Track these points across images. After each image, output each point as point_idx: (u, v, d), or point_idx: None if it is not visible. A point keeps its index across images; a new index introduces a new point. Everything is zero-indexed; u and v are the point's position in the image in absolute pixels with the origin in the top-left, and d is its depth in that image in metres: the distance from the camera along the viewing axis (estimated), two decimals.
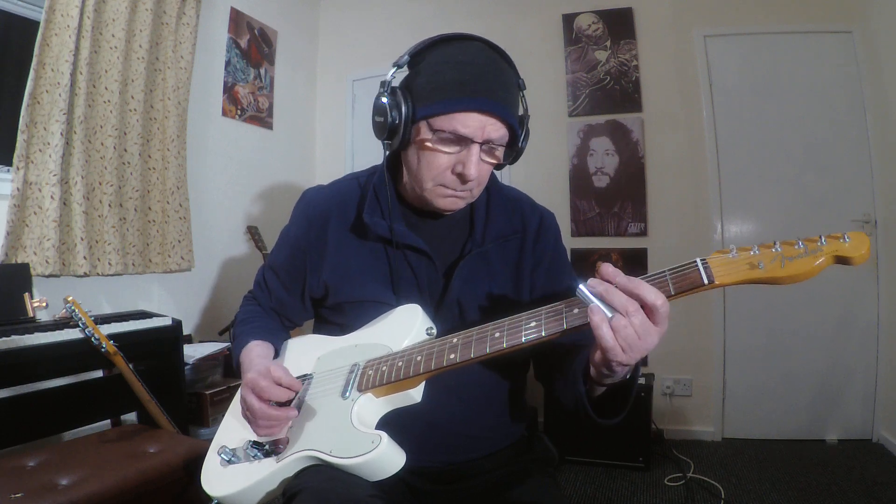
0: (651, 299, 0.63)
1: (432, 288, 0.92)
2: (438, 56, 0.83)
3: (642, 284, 0.64)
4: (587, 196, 2.91)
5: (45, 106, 1.83)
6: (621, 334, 0.63)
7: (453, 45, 0.84)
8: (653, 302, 0.63)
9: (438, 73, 0.82)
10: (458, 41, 0.84)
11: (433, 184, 0.86)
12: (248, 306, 1.07)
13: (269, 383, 0.82)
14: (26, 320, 1.62)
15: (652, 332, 0.64)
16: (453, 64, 0.81)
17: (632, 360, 0.65)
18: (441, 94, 0.81)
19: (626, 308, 0.63)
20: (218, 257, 2.66)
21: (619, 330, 0.63)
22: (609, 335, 0.63)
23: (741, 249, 0.64)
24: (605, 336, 0.63)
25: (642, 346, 0.64)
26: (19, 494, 1.13)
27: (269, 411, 0.81)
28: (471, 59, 0.82)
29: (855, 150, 2.61)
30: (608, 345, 0.63)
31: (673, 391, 2.76)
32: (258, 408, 0.81)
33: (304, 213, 0.98)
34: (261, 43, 2.95)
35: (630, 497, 2.13)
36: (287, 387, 0.82)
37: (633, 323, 0.63)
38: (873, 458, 2.40)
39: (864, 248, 0.60)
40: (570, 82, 2.94)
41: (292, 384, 0.83)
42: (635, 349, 0.64)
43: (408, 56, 0.86)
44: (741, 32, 2.73)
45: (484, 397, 0.91)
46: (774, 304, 2.67)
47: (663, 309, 0.63)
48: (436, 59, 0.83)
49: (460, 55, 0.82)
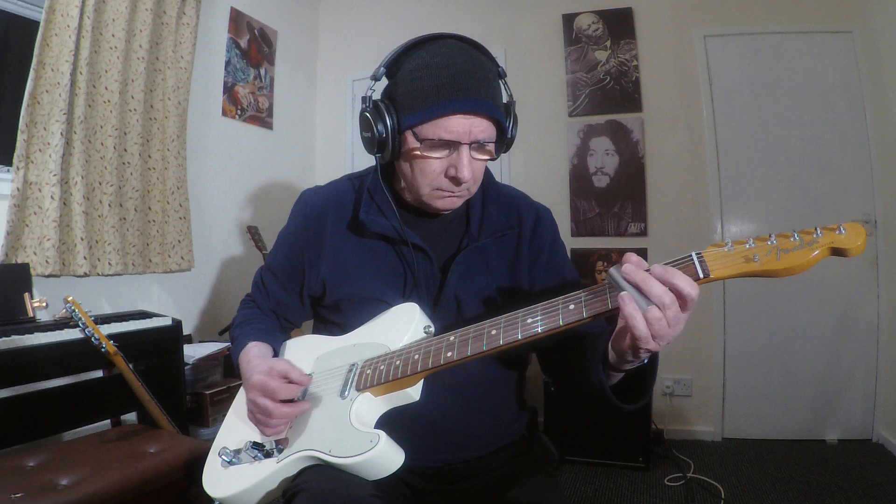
0: (687, 290, 0.62)
1: (430, 284, 0.92)
2: (414, 62, 0.82)
3: (677, 273, 0.63)
4: (587, 196, 2.91)
5: (45, 106, 1.83)
6: (655, 326, 0.63)
7: (426, 49, 0.83)
8: (689, 293, 0.62)
9: (416, 79, 0.81)
10: (431, 43, 0.84)
11: (429, 189, 0.86)
12: (246, 309, 1.07)
13: (280, 383, 0.81)
14: (26, 320, 1.62)
15: (682, 319, 0.64)
16: (429, 69, 0.81)
17: (660, 347, 0.65)
18: (421, 101, 0.80)
19: (662, 300, 0.62)
20: (218, 257, 2.66)
21: (653, 322, 0.62)
22: (643, 325, 0.63)
23: (736, 242, 0.64)
24: (639, 326, 0.63)
25: (672, 333, 0.64)
26: (19, 494, 1.13)
27: (283, 410, 0.81)
28: (446, 60, 0.81)
29: (855, 150, 2.60)
30: (641, 334, 0.63)
31: (673, 391, 2.76)
32: (273, 408, 0.81)
33: (302, 213, 0.98)
34: (261, 43, 2.95)
35: (630, 497, 2.13)
36: (297, 382, 0.82)
37: (667, 315, 0.63)
38: (873, 458, 2.40)
39: (860, 239, 0.59)
40: (570, 82, 2.94)
41: (301, 379, 0.82)
42: (665, 338, 0.64)
43: (383, 67, 0.85)
44: (741, 32, 2.73)
45: (483, 396, 0.91)
46: (774, 304, 2.67)
47: (695, 297, 0.63)
48: (411, 65, 0.82)
49: (435, 58, 0.81)
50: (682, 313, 0.64)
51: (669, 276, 0.63)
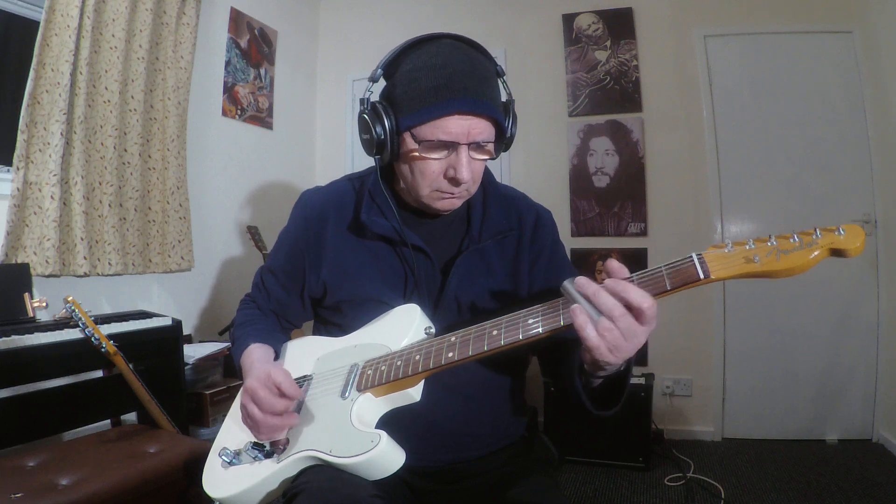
0: (637, 302, 0.63)
1: (430, 285, 0.92)
2: (411, 63, 0.82)
3: (629, 287, 0.64)
4: (587, 196, 2.91)
5: (45, 106, 1.83)
6: (607, 337, 0.64)
7: (424, 49, 0.82)
8: (639, 304, 0.63)
9: (413, 80, 0.81)
10: (428, 43, 0.83)
11: (429, 190, 0.86)
12: (246, 309, 1.07)
13: (267, 393, 0.79)
14: (26, 320, 1.62)
15: (639, 332, 0.65)
16: (426, 69, 0.80)
17: (619, 359, 0.66)
18: (419, 102, 0.80)
19: (611, 312, 0.64)
20: (218, 257, 2.66)
21: (604, 332, 0.64)
22: (593, 335, 0.65)
23: (737, 244, 0.64)
24: (590, 336, 0.65)
25: (629, 346, 0.65)
26: (19, 494, 1.13)
27: (270, 421, 0.80)
28: (443, 60, 0.80)
29: (855, 150, 2.60)
30: (593, 344, 0.65)
31: (673, 391, 2.76)
32: (260, 418, 0.80)
33: (302, 213, 0.98)
34: (261, 43, 2.95)
35: (630, 497, 2.13)
36: (288, 395, 0.79)
37: (618, 326, 0.64)
38: (873, 458, 2.40)
39: (859, 241, 0.60)
40: (570, 82, 2.94)
41: (292, 393, 0.80)
42: (622, 350, 0.65)
43: (380, 69, 0.85)
44: (741, 32, 2.73)
45: (483, 396, 0.91)
46: (774, 304, 2.67)
47: (650, 311, 0.64)
48: (408, 66, 0.82)
49: (432, 58, 0.81)
50: (638, 326, 0.64)
51: (620, 290, 0.64)
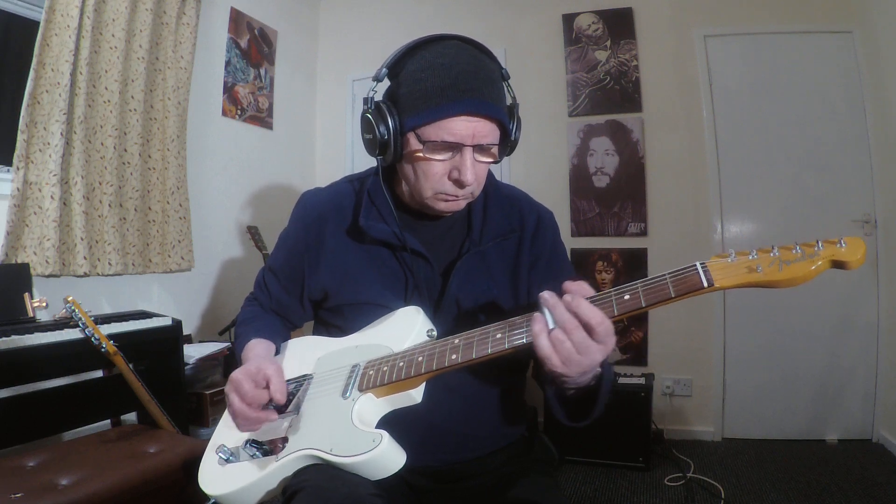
0: (587, 318, 0.65)
1: (431, 288, 0.91)
2: (417, 63, 0.82)
3: (583, 304, 0.65)
4: (587, 196, 2.91)
5: (45, 106, 1.83)
6: (558, 348, 0.65)
7: (430, 49, 0.82)
8: (588, 321, 0.64)
9: (419, 80, 0.80)
10: (434, 44, 0.83)
11: (432, 192, 0.85)
12: (250, 307, 1.07)
13: (252, 387, 0.81)
14: (26, 320, 1.62)
15: (593, 349, 0.66)
16: (432, 69, 0.80)
17: (572, 372, 0.67)
18: (424, 102, 0.79)
19: (564, 324, 0.65)
20: (218, 257, 2.66)
21: (556, 343, 0.66)
22: (546, 345, 0.66)
23: (740, 254, 0.65)
24: (542, 345, 0.66)
25: (584, 361, 0.66)
26: (19, 494, 1.13)
27: (248, 413, 0.81)
28: (449, 61, 0.80)
29: (855, 150, 2.60)
30: (544, 353, 0.66)
31: (673, 391, 2.76)
32: (238, 407, 0.81)
33: (302, 216, 0.98)
34: (261, 43, 2.95)
35: (630, 497, 2.13)
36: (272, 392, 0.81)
37: (572, 339, 0.65)
38: (873, 458, 2.40)
39: (860, 253, 0.61)
40: (570, 82, 2.94)
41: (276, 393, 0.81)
42: (574, 363, 0.66)
43: (385, 68, 0.84)
44: (741, 32, 2.73)
45: (484, 397, 0.91)
46: (774, 304, 2.67)
47: (601, 328, 0.65)
48: (414, 66, 0.82)
49: (438, 58, 0.80)
50: (592, 342, 0.65)
51: (574, 306, 0.65)
